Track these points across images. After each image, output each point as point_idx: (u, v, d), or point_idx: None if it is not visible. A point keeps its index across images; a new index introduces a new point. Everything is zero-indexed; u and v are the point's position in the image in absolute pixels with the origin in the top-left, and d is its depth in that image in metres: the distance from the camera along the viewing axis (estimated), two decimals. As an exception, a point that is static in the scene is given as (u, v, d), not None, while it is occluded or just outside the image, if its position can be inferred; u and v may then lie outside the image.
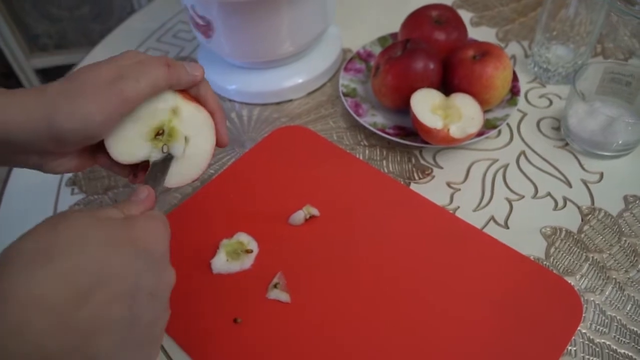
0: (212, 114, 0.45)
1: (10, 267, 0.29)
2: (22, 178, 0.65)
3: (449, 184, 0.59)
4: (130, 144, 0.42)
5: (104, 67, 0.39)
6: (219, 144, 0.46)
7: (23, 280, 0.28)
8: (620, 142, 0.58)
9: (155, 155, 0.43)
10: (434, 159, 0.62)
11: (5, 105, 0.37)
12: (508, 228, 0.55)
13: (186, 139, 0.44)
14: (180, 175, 0.44)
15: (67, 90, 0.38)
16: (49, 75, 1.72)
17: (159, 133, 0.43)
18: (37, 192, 0.63)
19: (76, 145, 0.39)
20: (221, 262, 0.52)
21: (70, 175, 0.64)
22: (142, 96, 0.39)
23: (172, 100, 0.43)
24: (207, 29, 0.64)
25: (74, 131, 0.37)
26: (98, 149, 0.43)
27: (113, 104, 0.38)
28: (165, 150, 0.43)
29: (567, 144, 0.62)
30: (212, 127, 0.45)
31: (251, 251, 0.53)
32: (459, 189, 0.59)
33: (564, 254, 0.52)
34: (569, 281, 0.50)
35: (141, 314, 0.32)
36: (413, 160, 0.62)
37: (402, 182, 0.60)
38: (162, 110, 0.42)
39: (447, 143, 0.58)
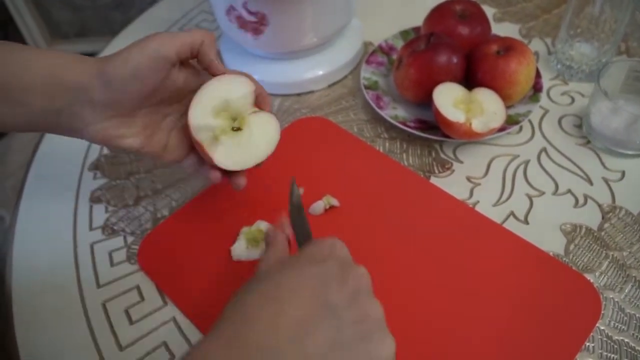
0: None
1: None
2: (45, 162, 0.66)
3: (469, 179, 0.59)
4: (203, 112, 0.47)
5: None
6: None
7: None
8: (643, 140, 0.58)
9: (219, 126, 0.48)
10: (454, 153, 0.62)
11: (60, 56, 0.43)
12: (528, 224, 0.55)
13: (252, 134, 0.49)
14: (232, 158, 0.48)
15: (118, 52, 0.44)
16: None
17: (227, 115, 0.49)
18: (59, 176, 0.64)
19: (122, 90, 0.44)
20: (241, 249, 0.53)
21: (93, 159, 0.65)
22: (177, 43, 0.44)
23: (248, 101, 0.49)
24: (258, 24, 0.65)
25: (119, 73, 0.43)
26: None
27: (151, 48, 0.44)
28: (235, 126, 0.49)
29: (588, 142, 0.62)
30: (278, 132, 0.50)
31: (271, 239, 0.54)
32: (479, 184, 0.59)
33: (584, 251, 0.52)
34: (588, 278, 0.50)
35: (344, 318, 0.34)
36: (433, 154, 0.62)
37: (421, 176, 0.60)
38: (238, 99, 0.48)
39: (468, 137, 0.58)
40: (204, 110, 0.47)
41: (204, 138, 0.47)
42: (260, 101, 0.50)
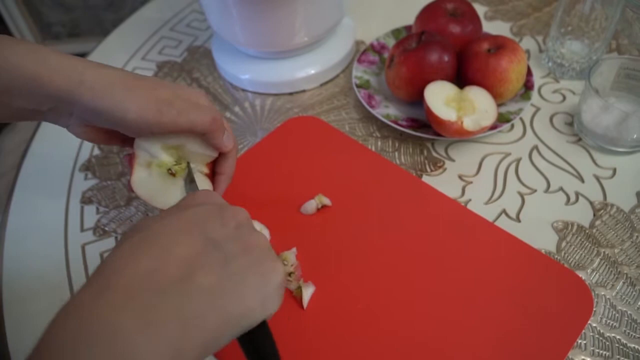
0: (219, 174, 0.49)
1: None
2: (36, 163, 0.65)
3: (460, 177, 0.59)
4: (154, 140, 0.45)
5: (166, 87, 0.43)
6: None
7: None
8: (634, 137, 0.58)
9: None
10: (446, 151, 0.62)
11: (73, 67, 0.41)
12: (520, 221, 0.55)
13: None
14: (145, 189, 0.47)
15: (126, 81, 0.42)
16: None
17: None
18: (50, 177, 0.63)
19: (105, 125, 0.43)
20: (233, 249, 0.53)
21: (84, 160, 0.65)
22: (176, 128, 0.43)
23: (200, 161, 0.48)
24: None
25: (107, 116, 0.41)
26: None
27: (148, 118, 0.42)
28: (172, 170, 0.48)
29: (580, 140, 0.62)
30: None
31: (263, 239, 0.53)
32: (471, 182, 0.59)
33: (576, 249, 0.53)
34: (580, 275, 0.50)
35: (230, 251, 0.33)
36: (425, 153, 0.62)
37: (414, 174, 0.60)
38: (194, 152, 0.47)
39: (460, 135, 0.58)
40: (155, 139, 0.45)
41: (140, 156, 0.46)
42: (220, 173, 0.50)
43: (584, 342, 0.46)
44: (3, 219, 0.60)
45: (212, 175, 0.50)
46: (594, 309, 0.48)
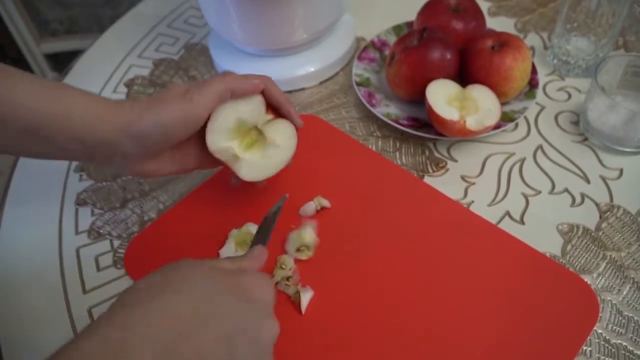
0: (277, 105, 0.51)
1: (124, 299, 0.34)
2: (30, 163, 0.64)
3: (463, 178, 0.58)
4: (219, 136, 0.49)
5: (177, 87, 0.47)
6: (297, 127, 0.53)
7: (133, 311, 0.32)
8: (641, 137, 0.56)
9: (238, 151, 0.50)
10: (448, 151, 0.61)
11: (93, 107, 0.44)
12: (524, 224, 0.54)
13: (269, 143, 0.51)
14: (255, 171, 0.51)
15: (150, 101, 0.46)
16: (58, 60, 1.71)
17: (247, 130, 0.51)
18: (45, 178, 0.62)
19: (153, 146, 0.46)
20: (230, 252, 0.52)
21: (78, 161, 0.64)
22: (207, 103, 0.46)
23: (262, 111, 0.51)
24: None
25: (150, 133, 0.45)
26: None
27: (182, 111, 0.45)
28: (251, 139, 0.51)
29: (585, 139, 0.61)
30: (294, 137, 0.52)
31: (260, 242, 0.52)
32: (474, 183, 0.58)
33: (581, 252, 0.51)
34: (586, 280, 0.48)
35: (241, 358, 0.34)
36: (427, 153, 0.61)
37: (415, 175, 0.59)
38: (249, 114, 0.50)
39: (462, 135, 0.57)
40: (219, 135, 0.49)
41: (226, 157, 0.50)
42: (279, 105, 0.51)
43: (589, 349, 0.45)
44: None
45: (274, 112, 0.52)
46: (600, 315, 0.47)
